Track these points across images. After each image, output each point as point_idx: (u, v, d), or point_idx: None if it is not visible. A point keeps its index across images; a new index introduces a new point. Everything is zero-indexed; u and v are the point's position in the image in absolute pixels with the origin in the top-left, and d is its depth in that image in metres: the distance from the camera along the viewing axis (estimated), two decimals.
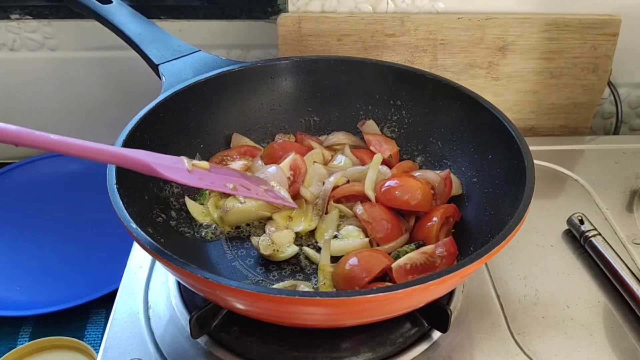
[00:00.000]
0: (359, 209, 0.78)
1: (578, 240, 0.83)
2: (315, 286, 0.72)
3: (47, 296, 0.94)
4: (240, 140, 0.88)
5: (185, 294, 0.74)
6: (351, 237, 0.76)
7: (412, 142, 0.90)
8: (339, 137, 0.91)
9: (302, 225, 0.78)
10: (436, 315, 0.67)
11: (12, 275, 0.98)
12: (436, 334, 0.70)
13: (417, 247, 0.74)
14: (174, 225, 0.78)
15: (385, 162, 0.85)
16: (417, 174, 0.83)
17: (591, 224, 0.83)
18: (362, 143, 0.91)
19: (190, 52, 0.88)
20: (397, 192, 0.78)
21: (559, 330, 0.72)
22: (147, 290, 0.76)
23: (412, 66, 0.92)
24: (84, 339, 0.89)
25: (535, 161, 0.71)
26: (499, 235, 0.61)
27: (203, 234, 0.79)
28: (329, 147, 0.90)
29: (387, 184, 0.79)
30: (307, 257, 0.76)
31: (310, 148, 0.88)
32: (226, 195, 0.80)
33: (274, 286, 0.71)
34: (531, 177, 0.68)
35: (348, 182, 0.83)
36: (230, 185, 0.70)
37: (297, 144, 0.89)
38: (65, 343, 0.86)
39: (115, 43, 0.92)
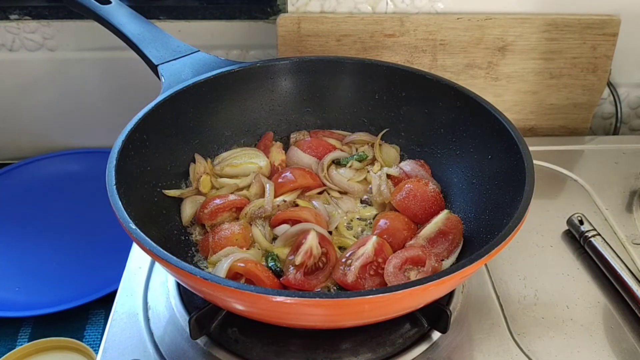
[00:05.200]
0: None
1: (578, 240, 0.83)
2: None
3: (47, 297, 0.94)
4: (200, 160, 0.85)
5: (184, 295, 0.74)
6: None
7: (412, 142, 0.90)
8: (360, 136, 0.91)
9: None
10: (436, 315, 0.67)
11: (12, 276, 0.98)
12: (436, 335, 0.70)
13: None
14: (173, 226, 0.77)
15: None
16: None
17: (591, 225, 0.83)
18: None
19: (189, 52, 0.88)
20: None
21: (559, 330, 0.72)
22: (147, 291, 0.76)
23: (412, 66, 0.92)
24: (84, 340, 0.89)
25: (535, 161, 0.71)
26: (499, 236, 0.61)
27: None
28: (347, 144, 0.91)
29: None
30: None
31: (328, 144, 0.89)
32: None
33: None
34: (531, 177, 0.68)
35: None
36: None
37: (323, 142, 0.90)
38: (65, 344, 0.86)
39: (115, 43, 0.92)
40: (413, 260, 0.70)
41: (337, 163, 0.88)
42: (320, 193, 0.84)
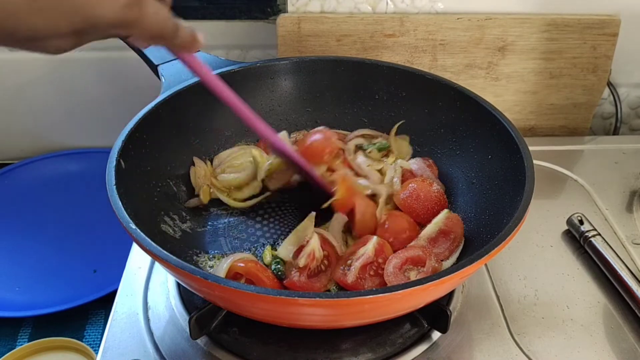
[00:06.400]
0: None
1: (578, 240, 0.83)
2: None
3: (47, 297, 0.94)
4: (199, 163, 0.85)
5: (184, 295, 0.74)
6: None
7: (412, 142, 0.90)
8: (362, 131, 0.91)
9: None
10: (436, 315, 0.67)
11: (12, 276, 0.98)
12: (436, 335, 0.70)
13: None
14: (173, 226, 0.77)
15: None
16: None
17: (591, 224, 0.83)
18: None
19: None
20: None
21: (559, 330, 0.72)
22: (147, 291, 0.76)
23: (412, 66, 0.92)
24: (84, 340, 0.89)
25: (535, 161, 0.71)
26: (499, 236, 0.61)
27: (202, 232, 0.79)
28: (362, 136, 0.90)
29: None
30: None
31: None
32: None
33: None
34: (531, 177, 0.68)
35: None
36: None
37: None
38: (65, 344, 0.86)
39: (115, 43, 0.91)
40: (413, 261, 0.70)
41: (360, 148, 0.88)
42: None
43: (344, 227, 0.78)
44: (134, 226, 0.61)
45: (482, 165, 0.80)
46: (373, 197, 0.81)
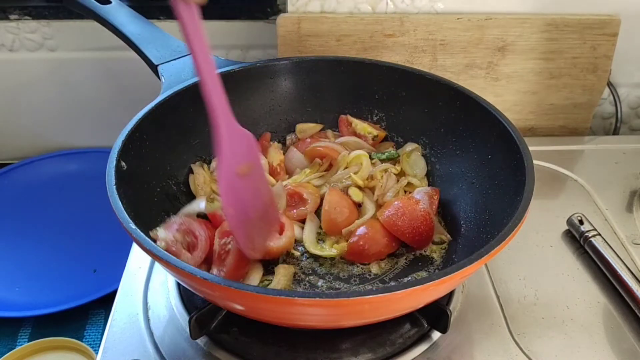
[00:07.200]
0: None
1: (578, 240, 0.83)
2: None
3: (47, 297, 0.94)
4: (198, 171, 0.84)
5: (184, 295, 0.74)
6: None
7: (412, 142, 0.90)
8: (349, 138, 0.90)
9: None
10: (436, 315, 0.67)
11: (12, 276, 0.98)
12: (436, 335, 0.70)
13: None
14: None
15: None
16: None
17: (591, 225, 0.83)
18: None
19: (189, 52, 0.88)
20: None
21: (559, 330, 0.72)
22: (147, 291, 0.76)
23: (412, 66, 0.92)
24: (84, 340, 0.89)
25: (535, 161, 0.71)
26: (499, 236, 0.61)
27: None
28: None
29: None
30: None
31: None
32: None
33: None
34: (531, 177, 0.68)
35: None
36: None
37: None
38: (65, 344, 0.86)
39: (115, 43, 0.92)
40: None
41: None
42: None
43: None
44: (134, 226, 0.61)
45: (482, 165, 0.80)
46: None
